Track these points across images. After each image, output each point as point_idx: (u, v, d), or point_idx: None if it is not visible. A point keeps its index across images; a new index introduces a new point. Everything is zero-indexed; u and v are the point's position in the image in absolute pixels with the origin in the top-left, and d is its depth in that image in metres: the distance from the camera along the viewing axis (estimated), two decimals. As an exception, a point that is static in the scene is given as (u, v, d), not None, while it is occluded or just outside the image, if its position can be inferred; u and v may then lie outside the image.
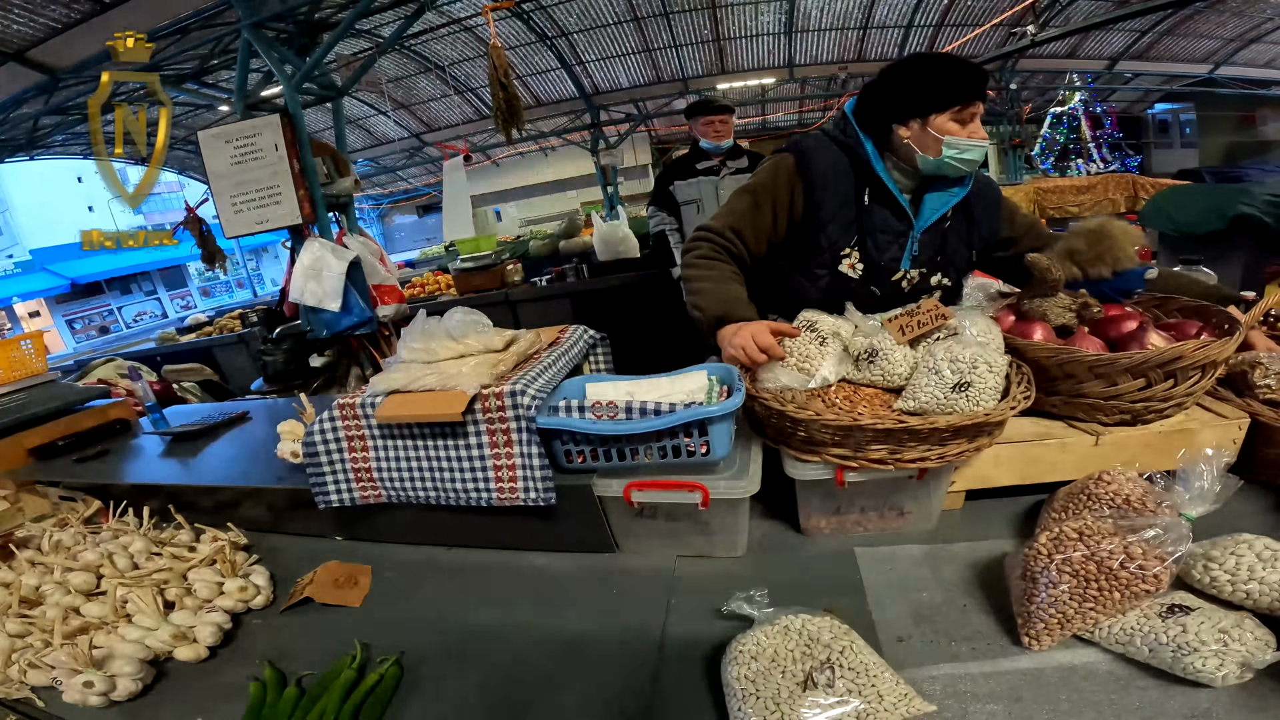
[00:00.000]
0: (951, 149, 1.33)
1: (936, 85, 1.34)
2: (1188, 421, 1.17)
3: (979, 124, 1.36)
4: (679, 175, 3.34)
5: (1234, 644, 0.78)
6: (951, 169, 1.36)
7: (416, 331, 1.38)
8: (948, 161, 1.35)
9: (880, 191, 1.41)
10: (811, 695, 0.81)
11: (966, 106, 1.33)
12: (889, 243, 1.43)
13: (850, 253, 1.44)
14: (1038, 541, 0.94)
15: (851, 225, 1.42)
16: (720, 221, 1.51)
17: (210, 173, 3.76)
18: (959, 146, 1.33)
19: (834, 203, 1.41)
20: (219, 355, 5.83)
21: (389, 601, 1.31)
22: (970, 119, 1.34)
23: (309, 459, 1.35)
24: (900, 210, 1.42)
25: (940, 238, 1.46)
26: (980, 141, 1.35)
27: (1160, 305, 1.43)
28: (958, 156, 1.34)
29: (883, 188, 1.40)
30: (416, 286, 6.49)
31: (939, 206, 1.42)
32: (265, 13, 4.19)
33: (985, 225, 1.51)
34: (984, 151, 1.37)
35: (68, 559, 1.44)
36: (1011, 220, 1.57)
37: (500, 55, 4.06)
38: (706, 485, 1.13)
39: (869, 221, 1.42)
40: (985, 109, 1.38)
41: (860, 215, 1.42)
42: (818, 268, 1.47)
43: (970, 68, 1.35)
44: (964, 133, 1.33)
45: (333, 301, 3.74)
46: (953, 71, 1.35)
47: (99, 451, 2.03)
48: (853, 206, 1.42)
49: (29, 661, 1.17)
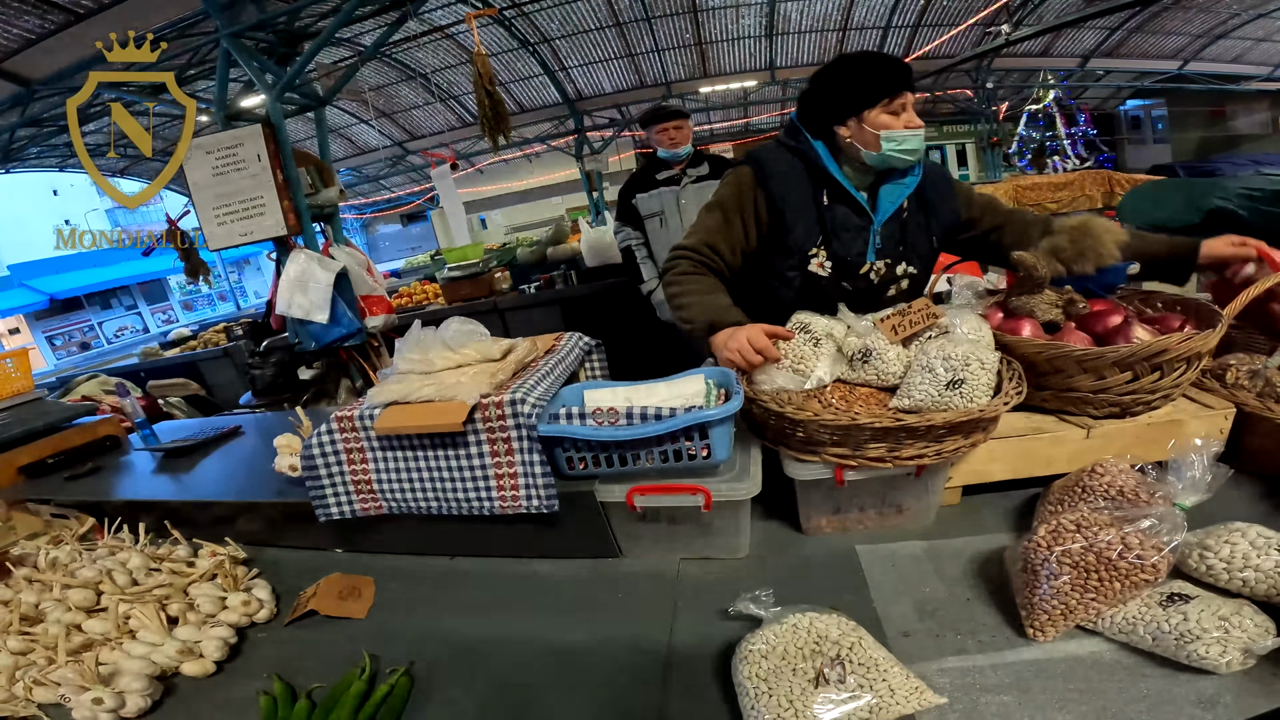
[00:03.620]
0: (889, 141, 1.39)
1: (861, 82, 1.41)
2: (1176, 413, 1.20)
3: (912, 113, 1.42)
4: (640, 188, 3.21)
5: (1235, 631, 0.80)
6: (896, 160, 1.42)
7: (413, 342, 1.38)
8: (888, 154, 1.41)
9: (837, 191, 1.47)
10: (824, 691, 0.82)
11: (894, 98, 1.39)
12: (852, 239, 1.48)
13: (817, 252, 1.49)
14: (1037, 534, 0.96)
15: (815, 226, 1.48)
16: (694, 239, 1.54)
17: (191, 184, 3.72)
18: (896, 138, 1.39)
19: (796, 207, 1.47)
20: (205, 370, 5.75)
21: (394, 612, 1.31)
22: (902, 109, 1.40)
23: (308, 472, 1.34)
24: (858, 206, 1.48)
25: (900, 228, 1.51)
26: (915, 130, 1.40)
27: (1144, 299, 1.46)
28: (897, 148, 1.40)
29: (839, 187, 1.46)
30: (404, 296, 6.45)
31: (895, 199, 1.48)
32: (244, 22, 4.16)
33: (942, 211, 1.56)
34: (921, 139, 1.42)
35: (66, 576, 1.42)
36: (969, 202, 1.61)
37: (485, 62, 4.06)
38: (708, 488, 1.14)
39: (831, 220, 1.47)
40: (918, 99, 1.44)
41: (822, 216, 1.47)
42: (789, 270, 1.52)
43: (890, 60, 1.43)
44: (898, 123, 1.40)
45: (320, 313, 3.70)
46: (874, 66, 1.42)
47: (90, 469, 2.00)
48: (814, 208, 1.47)
49: (34, 679, 1.16)
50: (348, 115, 13.82)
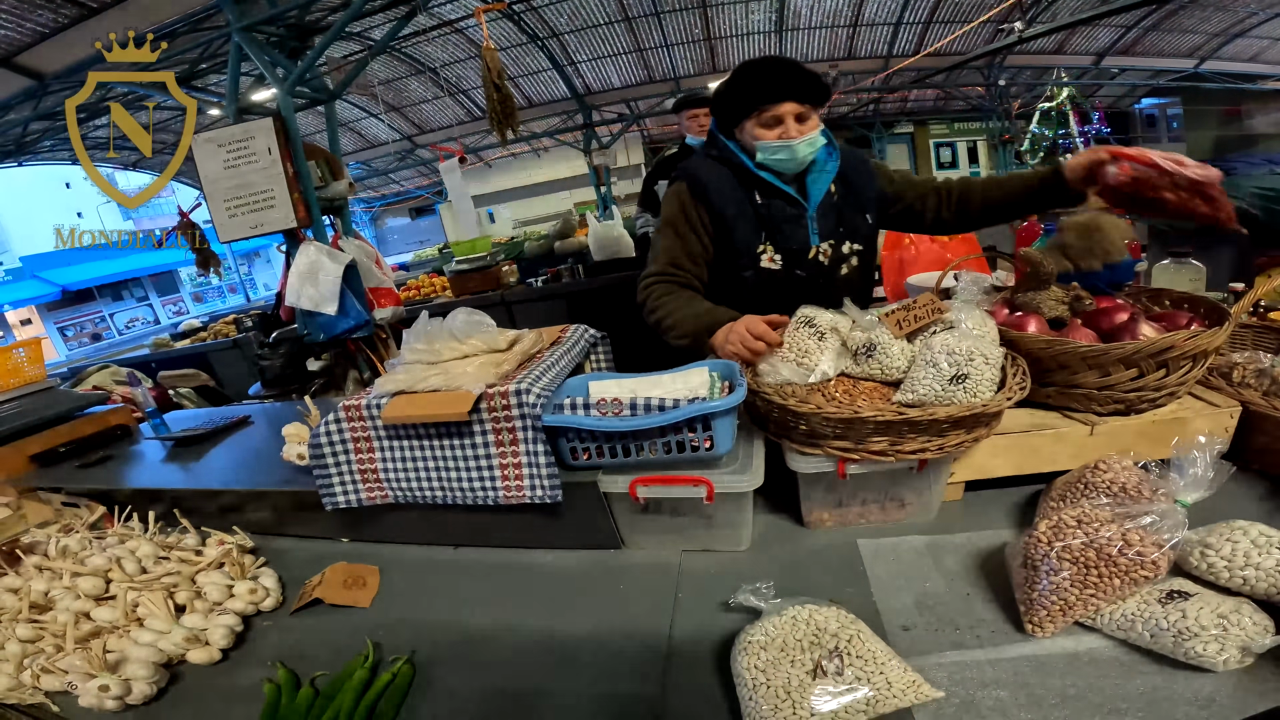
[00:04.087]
0: (762, 151, 1.47)
1: (731, 96, 1.49)
2: (1181, 410, 1.19)
3: (792, 122, 1.45)
4: (664, 175, 3.23)
5: (1233, 629, 0.80)
6: (776, 165, 1.49)
7: (420, 332, 1.39)
8: (764, 161, 1.48)
9: (767, 188, 1.52)
10: (821, 683, 0.83)
11: (765, 110, 1.44)
12: (793, 228, 1.54)
13: (764, 248, 1.54)
14: (1037, 530, 0.96)
15: (755, 224, 1.53)
16: (658, 264, 1.60)
17: (203, 177, 3.75)
18: (765, 149, 1.47)
19: (734, 211, 1.53)
20: (214, 360, 5.80)
21: (397, 602, 1.32)
22: (776, 121, 1.45)
23: (315, 461, 1.36)
24: (790, 198, 1.53)
25: (834, 211, 1.57)
26: (786, 142, 1.45)
27: (1151, 297, 1.45)
28: (768, 157, 1.47)
29: (767, 184, 1.52)
30: (412, 289, 6.49)
31: (821, 185, 1.54)
32: (256, 16, 4.18)
33: (867, 191, 1.62)
34: (798, 148, 1.46)
35: (75, 564, 1.44)
36: (889, 180, 1.67)
37: (494, 57, 4.07)
38: (711, 480, 1.15)
39: (769, 216, 1.53)
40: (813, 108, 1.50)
41: (759, 214, 1.53)
42: (744, 271, 1.57)
43: (762, 72, 1.46)
44: (771, 135, 1.46)
45: (329, 305, 3.73)
46: (746, 79, 1.47)
47: (101, 457, 2.03)
48: (750, 208, 1.53)
49: (42, 666, 1.18)
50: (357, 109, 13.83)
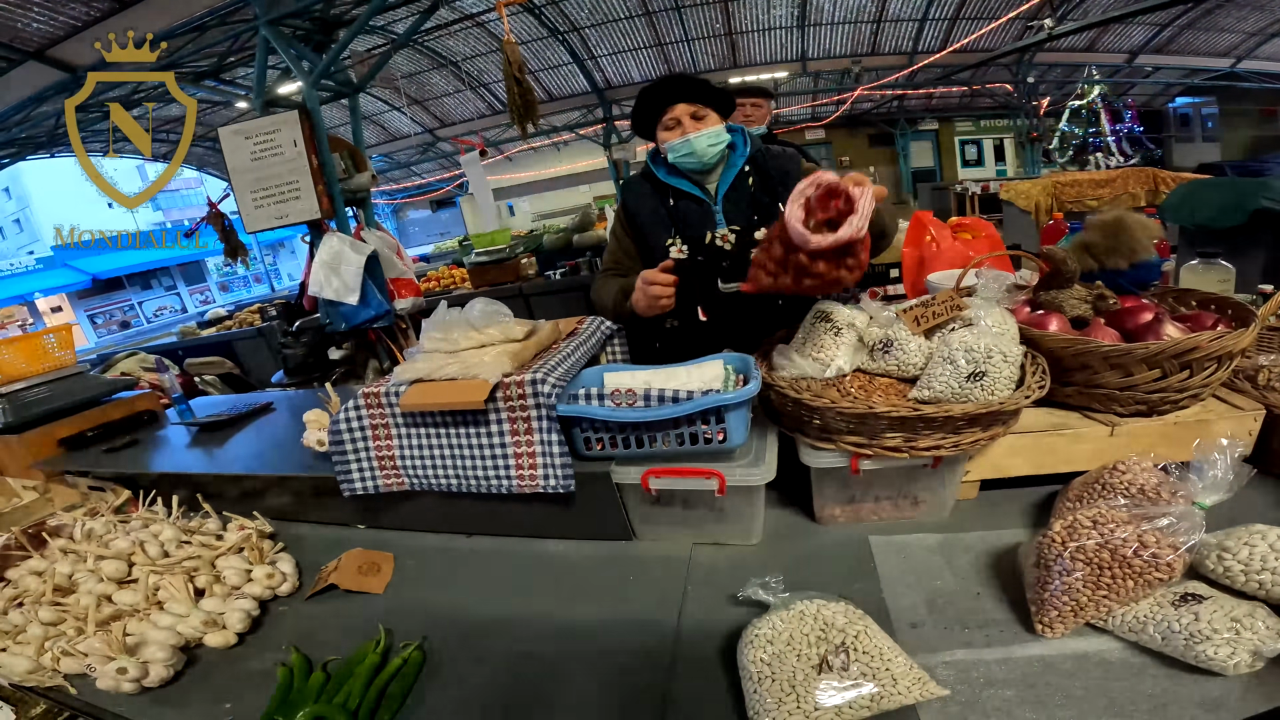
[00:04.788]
0: (671, 152, 1.64)
1: (638, 113, 1.69)
2: (1203, 413, 1.17)
3: (689, 120, 1.61)
4: None
5: (1246, 632, 0.79)
6: (685, 164, 1.64)
7: (439, 321, 1.40)
8: (675, 161, 1.65)
9: (678, 193, 1.70)
10: (826, 678, 0.83)
11: (663, 114, 1.63)
12: (698, 220, 1.69)
13: (673, 241, 1.69)
14: (1052, 529, 0.95)
15: (667, 222, 1.71)
16: (603, 265, 1.89)
17: (231, 169, 3.82)
18: (671, 150, 1.63)
19: (648, 216, 1.73)
20: (239, 349, 5.92)
21: (411, 588, 1.34)
22: (675, 123, 1.62)
23: (334, 447, 1.38)
24: (695, 197, 1.69)
25: (747, 199, 1.69)
26: (685, 138, 1.60)
27: (1177, 297, 1.42)
28: (676, 155, 1.63)
29: (679, 191, 1.69)
30: (432, 280, 6.55)
31: (726, 177, 1.68)
32: (282, 9, 4.24)
33: (787, 182, 1.64)
34: (693, 143, 1.60)
35: (100, 547, 1.46)
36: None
37: (515, 51, 4.08)
38: (723, 472, 1.15)
39: (677, 214, 1.70)
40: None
41: (670, 214, 1.71)
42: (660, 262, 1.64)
43: (653, 87, 1.66)
44: (675, 135, 1.62)
45: (351, 295, 3.78)
46: (642, 98, 1.67)
47: (128, 442, 2.07)
48: (663, 210, 1.71)
49: (62, 649, 1.19)
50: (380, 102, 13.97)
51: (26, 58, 6.14)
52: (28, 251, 19.42)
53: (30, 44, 6.07)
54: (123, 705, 1.13)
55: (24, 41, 6.03)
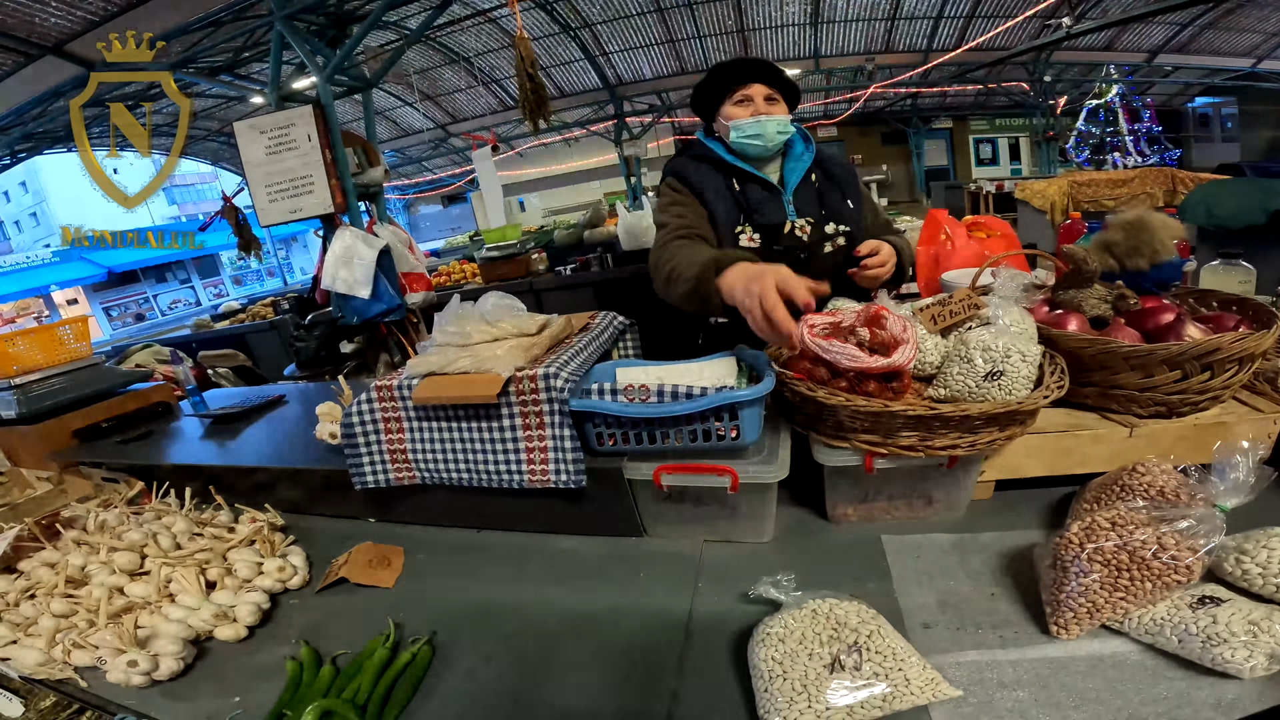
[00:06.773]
0: (735, 130, 1.62)
1: (709, 84, 1.67)
2: (1224, 415, 1.15)
3: (761, 102, 1.61)
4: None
5: (1263, 635, 0.77)
6: (748, 147, 1.62)
7: (452, 315, 1.40)
8: (737, 142, 1.63)
9: (744, 175, 1.66)
10: (838, 678, 0.82)
11: (736, 90, 1.62)
12: (770, 209, 1.64)
13: (743, 228, 1.63)
14: (1069, 530, 0.93)
15: (733, 207, 1.64)
16: (669, 230, 1.60)
17: (245, 163, 3.85)
18: (739, 128, 1.61)
19: (713, 195, 1.64)
20: (252, 341, 5.96)
21: (421, 582, 1.34)
22: (748, 100, 1.61)
23: (346, 440, 1.39)
24: (766, 183, 1.65)
25: (815, 193, 1.68)
26: (757, 118, 1.59)
27: (1199, 298, 1.40)
28: (741, 136, 1.61)
29: (743, 172, 1.65)
30: (443, 275, 6.58)
31: (796, 172, 1.67)
32: (297, 5, 4.26)
33: (851, 184, 1.75)
34: (767, 125, 1.60)
35: (113, 539, 1.46)
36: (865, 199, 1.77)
37: (527, 46, 4.09)
38: (735, 469, 1.15)
39: (745, 199, 1.64)
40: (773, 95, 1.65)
41: (737, 199, 1.65)
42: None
43: (731, 63, 1.66)
44: (745, 113, 1.61)
45: (363, 289, 3.81)
46: (717, 70, 1.67)
47: (142, 433, 2.08)
48: (729, 194, 1.65)
49: (73, 642, 1.19)
50: (393, 98, 14.02)
51: (44, 52, 6.19)
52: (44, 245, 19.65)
53: (48, 39, 6.11)
54: (132, 698, 1.12)
55: (42, 36, 6.08)
